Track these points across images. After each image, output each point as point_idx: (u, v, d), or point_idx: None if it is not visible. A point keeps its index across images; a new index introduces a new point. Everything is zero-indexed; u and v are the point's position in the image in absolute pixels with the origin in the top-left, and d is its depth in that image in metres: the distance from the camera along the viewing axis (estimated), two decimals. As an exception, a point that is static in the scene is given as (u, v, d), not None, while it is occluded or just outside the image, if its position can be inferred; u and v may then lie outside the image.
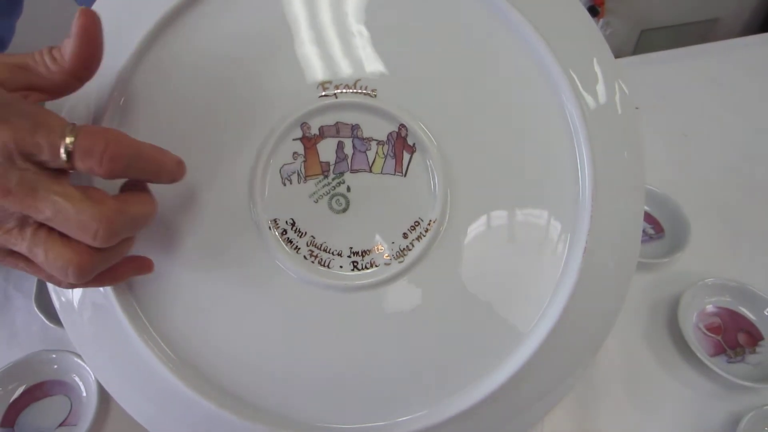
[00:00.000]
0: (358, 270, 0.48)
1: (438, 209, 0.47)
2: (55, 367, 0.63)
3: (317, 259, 0.48)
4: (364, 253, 0.48)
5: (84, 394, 0.62)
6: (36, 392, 0.63)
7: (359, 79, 0.47)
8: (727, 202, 0.80)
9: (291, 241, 0.47)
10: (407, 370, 0.49)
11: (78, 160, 0.35)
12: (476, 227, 0.48)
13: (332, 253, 0.48)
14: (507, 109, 0.48)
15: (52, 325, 0.67)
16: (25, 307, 0.70)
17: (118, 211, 0.37)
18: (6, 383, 0.62)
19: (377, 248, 0.48)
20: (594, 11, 1.87)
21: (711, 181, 0.83)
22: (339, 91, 0.47)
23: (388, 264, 0.48)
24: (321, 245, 0.48)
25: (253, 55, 0.47)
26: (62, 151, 0.35)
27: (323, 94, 0.47)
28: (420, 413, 0.49)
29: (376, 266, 0.48)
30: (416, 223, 0.48)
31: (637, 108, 0.51)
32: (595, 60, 0.49)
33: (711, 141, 0.90)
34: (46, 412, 0.62)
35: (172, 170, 0.40)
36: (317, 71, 0.47)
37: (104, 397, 0.61)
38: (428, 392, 0.49)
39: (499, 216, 0.48)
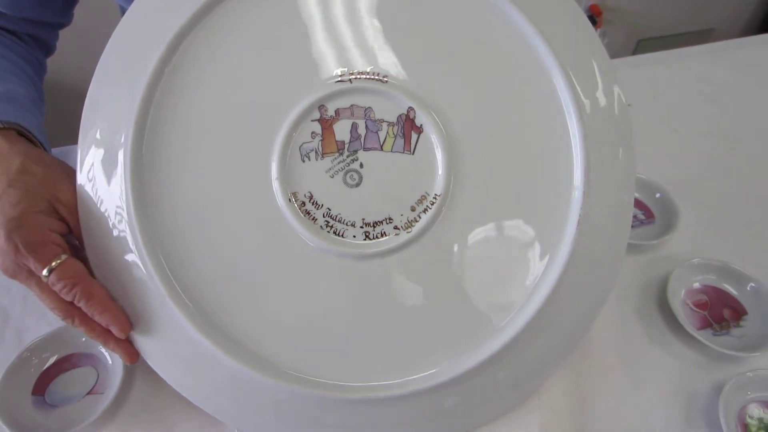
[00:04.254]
0: (370, 239, 0.51)
1: (442, 184, 0.50)
2: (83, 339, 0.65)
3: (332, 229, 0.50)
4: (375, 224, 0.51)
5: (110, 363, 0.64)
6: (65, 364, 0.64)
7: (372, 66, 0.50)
8: (712, 190, 0.83)
9: (309, 213, 0.50)
10: (416, 333, 0.52)
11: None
12: (477, 201, 0.51)
13: (346, 224, 0.50)
14: (508, 95, 0.51)
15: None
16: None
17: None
18: (39, 352, 0.64)
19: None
20: (591, 21, 1.89)
21: (698, 170, 0.86)
22: (353, 77, 0.50)
23: (398, 234, 0.50)
24: (336, 216, 0.50)
25: (276, 45, 0.50)
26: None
27: (339, 79, 0.50)
28: (432, 371, 0.51)
29: (387, 236, 0.50)
30: (423, 197, 0.50)
31: (629, 105, 0.54)
32: (592, 62, 0.52)
33: (698, 134, 0.93)
34: (74, 381, 0.63)
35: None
36: (334, 59, 0.50)
37: (129, 368, 0.63)
38: (433, 353, 0.52)
39: (499, 192, 0.51)
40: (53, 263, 0.51)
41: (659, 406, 0.61)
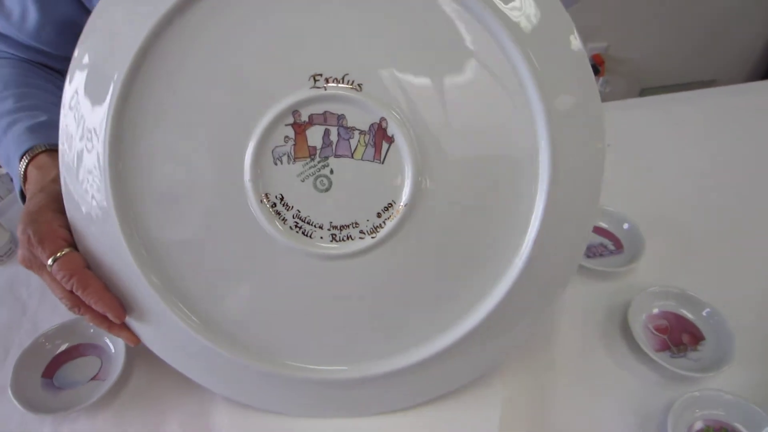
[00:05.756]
0: (337, 242, 0.51)
1: (408, 194, 0.49)
2: (91, 331, 0.68)
3: (301, 230, 0.51)
4: (342, 227, 0.51)
5: (113, 353, 0.66)
6: (73, 352, 0.67)
7: (347, 74, 0.48)
8: (677, 224, 0.84)
9: (279, 214, 0.50)
10: (372, 328, 0.53)
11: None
12: (442, 212, 0.51)
13: (315, 226, 0.51)
14: (479, 108, 0.49)
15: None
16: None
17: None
18: (53, 339, 0.67)
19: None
20: (594, 70, 1.87)
21: (666, 207, 0.87)
22: (328, 83, 0.48)
23: (363, 238, 0.51)
24: (305, 218, 0.51)
25: (252, 48, 0.48)
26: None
27: (314, 85, 0.48)
28: (380, 361, 0.53)
29: (352, 239, 0.51)
30: (389, 205, 0.50)
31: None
32: (570, 74, 0.49)
33: (670, 174, 0.94)
34: (80, 368, 0.66)
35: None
36: (310, 65, 0.48)
37: (129, 358, 0.65)
38: (389, 345, 0.53)
39: (463, 205, 0.51)
40: (58, 254, 0.53)
41: (615, 420, 0.60)
